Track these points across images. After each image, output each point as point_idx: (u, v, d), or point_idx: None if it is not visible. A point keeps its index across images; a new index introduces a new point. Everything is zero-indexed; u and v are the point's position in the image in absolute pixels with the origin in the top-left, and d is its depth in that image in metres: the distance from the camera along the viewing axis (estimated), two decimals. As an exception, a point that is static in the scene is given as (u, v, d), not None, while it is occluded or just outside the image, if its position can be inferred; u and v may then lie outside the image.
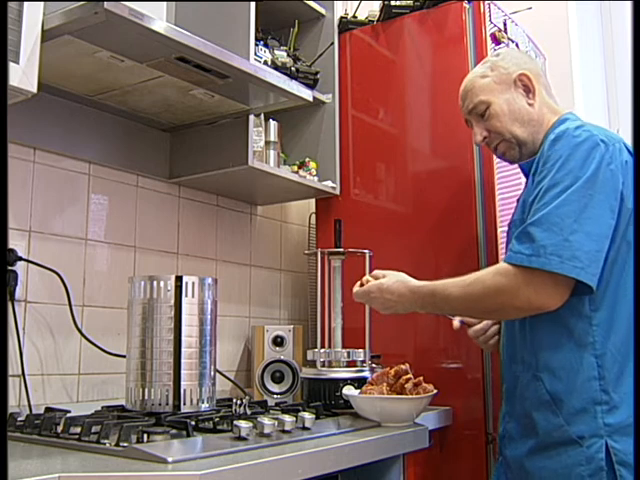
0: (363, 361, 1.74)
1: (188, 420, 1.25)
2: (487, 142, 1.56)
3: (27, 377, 1.55)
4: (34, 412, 1.46)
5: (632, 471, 1.23)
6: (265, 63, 1.97)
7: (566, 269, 1.23)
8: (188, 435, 1.21)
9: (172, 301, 1.43)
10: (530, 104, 1.50)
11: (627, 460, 1.24)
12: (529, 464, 1.35)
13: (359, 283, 1.56)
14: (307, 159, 2.15)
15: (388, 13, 2.14)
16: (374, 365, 1.76)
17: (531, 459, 1.34)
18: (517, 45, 2.10)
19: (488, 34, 1.97)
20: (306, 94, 1.82)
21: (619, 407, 1.27)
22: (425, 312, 1.50)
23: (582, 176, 1.28)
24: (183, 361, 1.42)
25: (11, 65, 1.20)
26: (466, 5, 2.00)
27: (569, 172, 1.29)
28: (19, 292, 1.58)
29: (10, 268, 1.55)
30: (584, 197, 1.27)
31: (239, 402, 1.44)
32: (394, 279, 1.49)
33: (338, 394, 1.65)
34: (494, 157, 1.88)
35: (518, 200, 1.53)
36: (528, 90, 1.50)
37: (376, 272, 1.55)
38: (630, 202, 1.31)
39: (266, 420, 1.24)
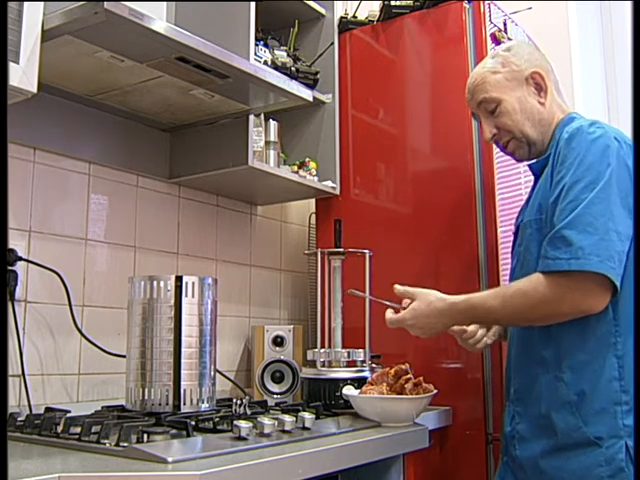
0: (363, 361, 1.74)
1: (188, 420, 1.25)
2: (496, 139, 1.54)
3: (27, 377, 1.55)
4: (34, 412, 1.46)
5: None
6: (265, 63, 1.97)
7: (605, 268, 1.22)
8: (188, 435, 1.21)
9: (172, 301, 1.43)
10: (541, 103, 1.48)
11: None
12: (545, 465, 1.34)
13: (390, 310, 1.51)
14: (307, 159, 2.15)
15: (388, 13, 2.14)
16: (374, 365, 1.76)
17: (547, 460, 1.33)
18: (517, 45, 2.10)
19: (488, 34, 1.97)
20: (306, 94, 1.82)
21: (638, 408, 1.26)
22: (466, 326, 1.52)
23: (603, 172, 1.27)
24: (183, 361, 1.42)
25: (11, 65, 1.20)
26: (466, 5, 2.00)
27: (589, 167, 1.29)
28: (19, 292, 1.58)
29: (10, 268, 1.55)
30: (611, 195, 1.26)
31: (239, 402, 1.44)
32: (426, 302, 1.44)
33: (338, 394, 1.64)
34: (494, 157, 1.89)
35: (527, 201, 1.51)
36: (540, 88, 1.49)
37: (403, 290, 1.49)
38: None
39: (266, 420, 1.24)
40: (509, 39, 2.05)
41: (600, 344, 1.31)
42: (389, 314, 1.51)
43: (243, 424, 1.19)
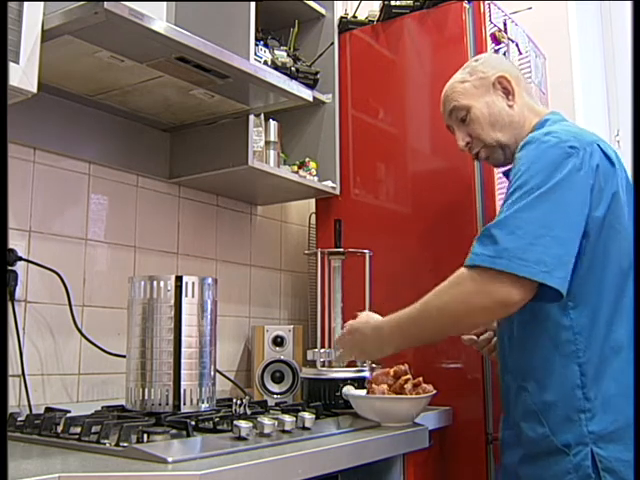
0: (363, 361, 1.74)
1: (188, 420, 1.25)
2: (469, 147, 1.56)
3: (27, 377, 1.55)
4: (34, 412, 1.46)
5: (617, 477, 1.23)
6: (265, 63, 1.97)
7: (532, 272, 1.21)
8: (188, 435, 1.21)
9: (172, 301, 1.43)
10: (510, 106, 1.50)
11: (612, 467, 1.24)
12: (521, 472, 1.36)
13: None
14: (307, 159, 2.15)
15: (388, 13, 2.14)
16: (374, 365, 1.76)
17: (523, 467, 1.36)
18: (517, 45, 2.11)
19: (488, 34, 1.97)
20: (306, 94, 1.82)
21: (601, 414, 1.27)
22: (395, 346, 1.42)
23: (548, 181, 1.26)
24: (183, 361, 1.42)
25: (11, 65, 1.20)
26: (466, 5, 2.00)
27: (536, 174, 1.28)
28: (19, 292, 1.58)
29: (10, 268, 1.55)
30: (549, 201, 1.25)
31: (239, 402, 1.44)
32: (363, 320, 1.48)
33: (338, 394, 1.65)
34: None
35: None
36: (507, 92, 1.51)
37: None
38: (599, 210, 1.30)
39: (266, 420, 1.24)
40: (509, 39, 2.05)
41: (560, 353, 1.31)
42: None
43: (243, 424, 1.19)
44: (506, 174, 1.56)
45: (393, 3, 2.13)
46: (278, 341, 2.05)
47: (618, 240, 1.32)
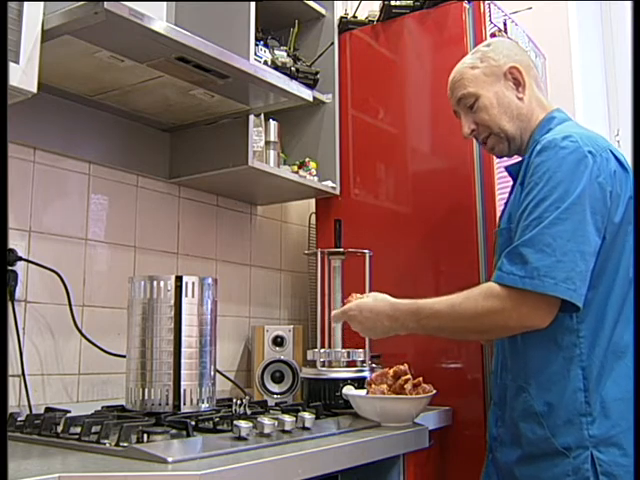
0: (363, 361, 1.74)
1: (188, 420, 1.25)
2: (475, 135, 1.54)
3: (27, 377, 1.55)
4: (34, 412, 1.46)
5: None
6: (265, 63, 1.97)
7: (560, 291, 1.22)
8: (188, 435, 1.21)
9: (172, 301, 1.43)
10: (520, 98, 1.48)
11: (611, 471, 1.24)
12: (518, 472, 1.36)
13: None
14: (307, 159, 2.15)
15: (388, 13, 2.14)
16: (374, 365, 1.76)
17: (520, 467, 1.36)
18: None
19: (488, 34, 1.97)
20: (306, 94, 1.82)
21: (602, 418, 1.27)
22: (406, 332, 1.44)
23: (572, 191, 1.26)
24: (183, 361, 1.42)
25: (11, 65, 1.20)
26: (466, 5, 2.00)
27: (557, 185, 1.27)
28: (19, 292, 1.58)
29: (10, 268, 1.55)
30: (576, 214, 1.25)
31: (239, 402, 1.44)
32: (373, 298, 1.47)
33: (338, 394, 1.64)
34: (494, 157, 1.88)
35: (506, 203, 1.52)
36: (518, 83, 1.49)
37: (356, 295, 1.54)
38: (617, 216, 1.30)
39: (266, 420, 1.24)
40: (509, 39, 2.05)
41: (565, 356, 1.31)
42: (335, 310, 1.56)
43: (243, 424, 1.19)
44: (509, 171, 1.54)
45: (393, 3, 2.13)
46: (278, 341, 2.05)
47: (630, 244, 1.32)
